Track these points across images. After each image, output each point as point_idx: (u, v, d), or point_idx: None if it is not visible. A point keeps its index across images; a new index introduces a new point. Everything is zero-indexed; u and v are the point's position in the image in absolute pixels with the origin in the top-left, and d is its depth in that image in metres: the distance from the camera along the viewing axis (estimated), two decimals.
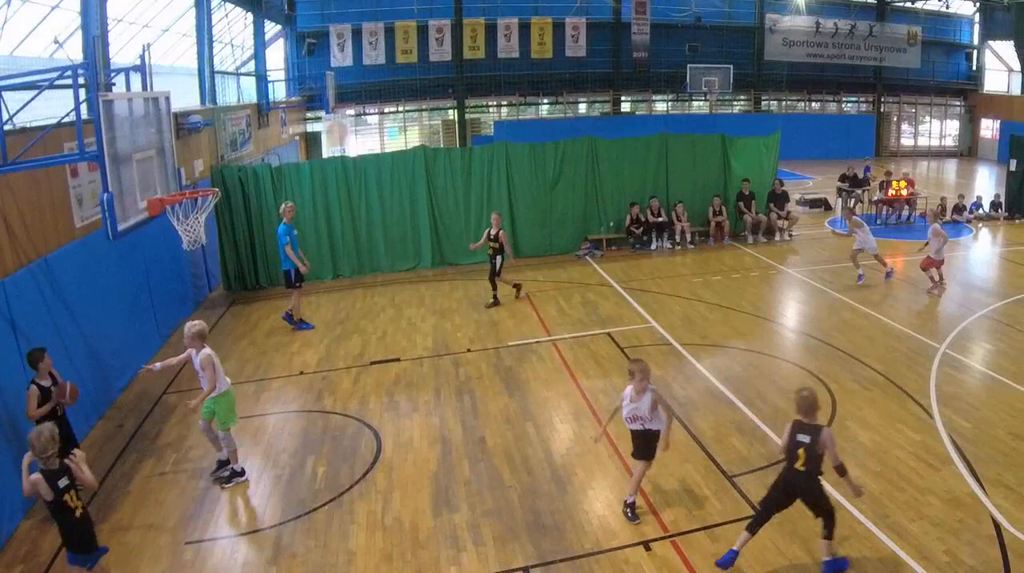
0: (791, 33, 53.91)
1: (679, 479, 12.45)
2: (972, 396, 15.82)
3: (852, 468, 12.33)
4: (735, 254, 27.15)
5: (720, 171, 28.71)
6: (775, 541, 10.78)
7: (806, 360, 17.67)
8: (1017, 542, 10.74)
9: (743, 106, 57.17)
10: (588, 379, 16.39)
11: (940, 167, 56.27)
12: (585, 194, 26.79)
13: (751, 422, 14.49)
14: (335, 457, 13.34)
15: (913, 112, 62.41)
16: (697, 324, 19.92)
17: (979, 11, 61.38)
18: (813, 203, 36.39)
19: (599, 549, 10.63)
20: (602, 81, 50.98)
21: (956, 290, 23.44)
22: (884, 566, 10.31)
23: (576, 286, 23.02)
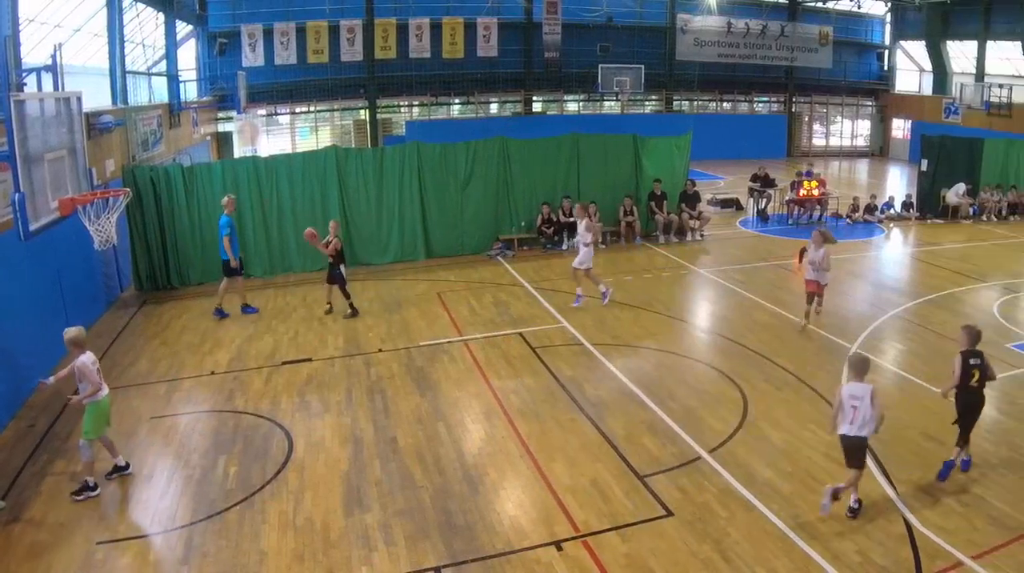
0: (703, 33, 54.28)
1: (591, 479, 12.49)
2: (884, 396, 15.81)
3: (764, 469, 12.73)
4: (646, 254, 27.36)
5: (631, 171, 28.88)
6: (686, 542, 10.86)
7: (718, 360, 17.83)
8: (928, 542, 10.94)
9: (655, 106, 57.44)
10: (500, 379, 16.43)
11: (852, 167, 57.26)
12: (496, 194, 26.85)
13: (663, 422, 14.57)
14: (246, 457, 13.26)
15: (825, 112, 63.43)
16: (608, 324, 20.01)
17: (890, 11, 62.54)
18: (725, 203, 36.68)
19: (510, 549, 10.67)
20: (514, 81, 51.04)
21: (868, 290, 23.91)
22: (795, 566, 10.48)
23: (488, 286, 23.07)
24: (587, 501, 11.86)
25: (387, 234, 25.23)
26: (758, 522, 11.42)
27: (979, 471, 13.03)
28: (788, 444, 13.83)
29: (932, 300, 22.62)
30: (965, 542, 10.93)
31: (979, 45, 55.40)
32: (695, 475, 12.71)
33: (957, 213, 35.25)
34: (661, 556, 10.55)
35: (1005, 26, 52.88)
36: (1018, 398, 16.02)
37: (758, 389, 16.17)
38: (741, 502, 11.92)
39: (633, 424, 14.42)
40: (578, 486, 12.28)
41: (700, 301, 22.76)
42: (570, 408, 15.12)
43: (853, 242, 30.50)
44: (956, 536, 11.07)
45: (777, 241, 29.90)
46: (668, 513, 11.54)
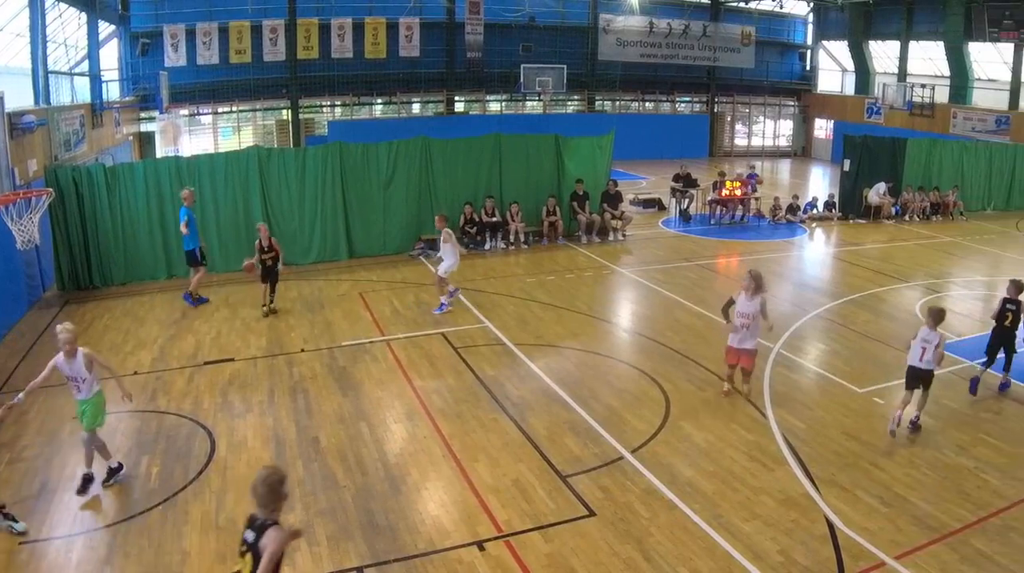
0: (625, 33, 54.50)
1: (513, 479, 12.54)
2: (806, 396, 16.25)
3: (685, 468, 12.81)
4: (569, 254, 27.46)
5: (554, 171, 28.98)
6: (609, 542, 10.92)
7: (640, 360, 17.94)
8: (851, 542, 11.08)
9: (577, 106, 57.58)
10: (422, 379, 16.43)
11: (774, 167, 57.74)
12: (419, 194, 26.81)
13: (585, 422, 14.63)
14: (169, 457, 13.17)
15: (747, 112, 63.97)
16: (531, 324, 20.10)
17: (813, 11, 63.42)
18: (647, 203, 36.93)
19: (433, 549, 10.67)
20: (436, 81, 50.95)
21: (790, 290, 24.21)
22: (717, 566, 10.56)
23: (410, 286, 23.05)
24: (509, 501, 11.91)
25: (309, 234, 25.15)
26: (680, 522, 11.51)
27: (903, 471, 13.21)
28: (710, 444, 13.96)
29: (854, 300, 22.98)
30: (888, 542, 11.09)
31: (901, 45, 56.41)
32: (617, 475, 12.78)
33: (879, 213, 35.75)
34: (583, 556, 10.61)
35: (927, 26, 53.87)
36: (942, 399, 16.24)
37: (680, 389, 16.30)
38: (663, 502, 12.01)
39: (555, 424, 14.48)
40: (500, 486, 12.32)
41: (622, 301, 22.88)
42: (492, 408, 15.16)
43: (776, 242, 30.95)
44: (879, 536, 11.24)
45: (699, 241, 30.22)
46: (590, 513, 11.59)
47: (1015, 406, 16.20)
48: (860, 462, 13.46)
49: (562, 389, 16.02)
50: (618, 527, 11.20)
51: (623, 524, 11.28)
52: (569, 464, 13.04)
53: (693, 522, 11.49)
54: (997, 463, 13.64)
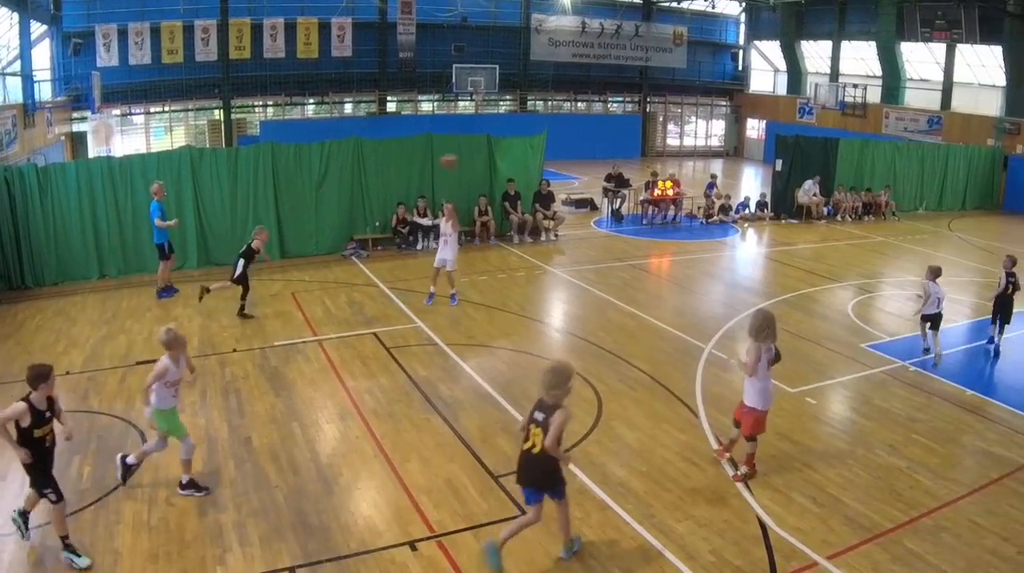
0: (557, 33, 54.70)
1: (445, 479, 12.55)
2: (738, 396, 15.98)
3: (618, 469, 12.88)
4: (501, 254, 27.55)
5: (486, 171, 29.05)
6: (542, 542, 10.95)
7: (572, 360, 17.45)
8: (783, 542, 11.17)
9: (509, 106, 57.71)
10: (354, 379, 16.42)
11: (706, 167, 57.54)
12: (351, 194, 26.79)
13: (517, 422, 14.25)
14: (101, 457, 13.04)
15: (679, 112, 64.31)
16: (463, 324, 20.12)
17: (745, 11, 63.94)
18: (579, 203, 37.06)
19: (365, 549, 10.65)
20: (368, 81, 50.84)
21: (722, 290, 24.46)
22: (649, 566, 10.60)
23: (342, 286, 22.98)
24: (442, 501, 11.91)
25: (241, 234, 24.64)
26: (612, 522, 11.57)
27: (835, 471, 13.37)
28: (642, 444, 14.03)
29: (786, 300, 23.22)
30: (820, 542, 11.19)
31: (833, 45, 57.06)
32: None
33: (811, 213, 36.13)
34: (516, 556, 10.60)
35: (859, 26, 54.54)
36: (873, 398, 16.51)
37: (612, 389, 16.38)
38: (595, 502, 12.05)
39: (488, 424, 14.53)
40: (433, 486, 12.33)
41: (555, 301, 22.97)
42: (424, 408, 15.18)
43: (708, 242, 31.19)
44: (811, 536, 11.34)
45: (631, 241, 30.39)
46: (522, 513, 11.44)
47: (947, 406, 16.40)
48: (792, 462, 13.60)
49: (494, 389, 16.06)
50: (550, 527, 11.11)
51: (555, 524, 11.16)
52: (501, 464, 13.05)
53: (625, 522, 11.54)
54: (929, 463, 13.82)
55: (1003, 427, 15.58)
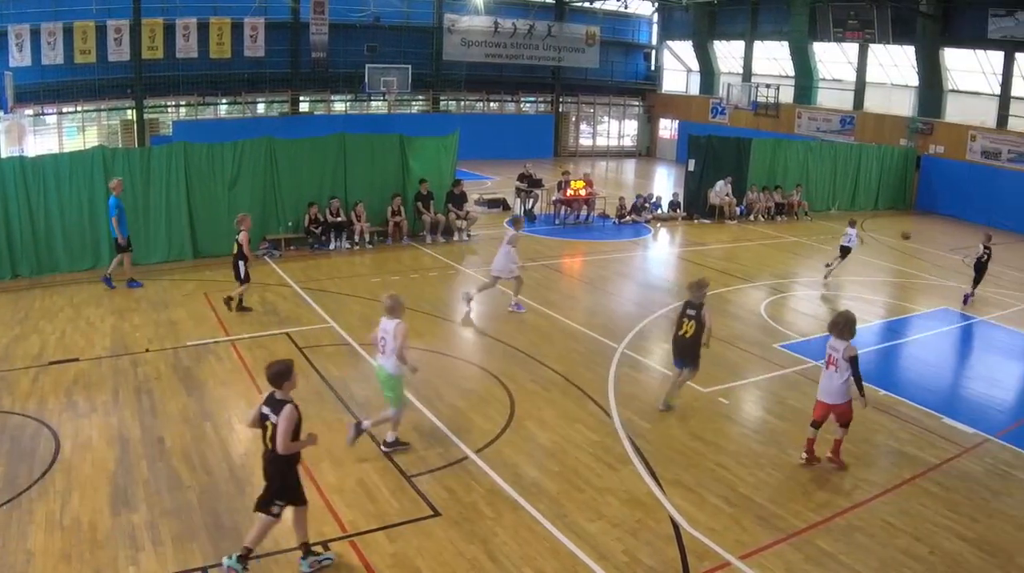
0: (470, 33, 54.61)
1: (357, 479, 12.63)
2: (651, 396, 16.51)
3: (530, 469, 12.98)
4: (413, 254, 27.58)
5: (398, 171, 29.07)
6: (453, 542, 11.07)
7: (485, 360, 18.15)
8: (695, 542, 11.35)
9: (422, 106, 57.57)
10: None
11: (619, 167, 58.54)
12: (264, 194, 26.71)
13: (430, 422, 14.80)
14: (13, 457, 12.94)
15: (592, 112, 64.46)
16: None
17: (657, 11, 64.34)
18: (491, 203, 37.12)
19: (277, 549, 10.68)
20: (281, 81, 50.59)
21: (635, 290, 24.74)
22: (562, 566, 10.73)
23: (255, 286, 22.68)
24: (354, 501, 12.02)
25: (154, 234, 24.83)
26: (525, 522, 11.69)
27: (747, 471, 13.58)
28: (555, 444, 14.18)
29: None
30: (733, 542, 11.41)
31: (746, 45, 57.79)
32: (462, 475, 12.97)
33: (724, 213, 36.51)
34: (428, 556, 10.75)
35: (772, 26, 55.21)
36: (786, 398, 16.84)
37: (525, 389, 16.52)
38: (508, 502, 12.21)
39: (401, 424, 14.40)
40: (345, 486, 12.42)
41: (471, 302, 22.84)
42: (337, 408, 15.27)
43: (620, 242, 31.54)
44: (724, 536, 11.54)
45: (544, 241, 30.63)
46: (435, 513, 11.74)
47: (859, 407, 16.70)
48: (705, 462, 13.80)
49: (407, 389, 15.82)
50: (463, 527, 11.36)
51: (468, 524, 11.44)
52: (414, 464, 13.18)
53: (538, 522, 11.69)
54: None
55: (916, 427, 15.93)
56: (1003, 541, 11.95)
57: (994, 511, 12.84)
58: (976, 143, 44.10)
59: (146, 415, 14.61)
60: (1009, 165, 42.36)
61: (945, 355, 21.54)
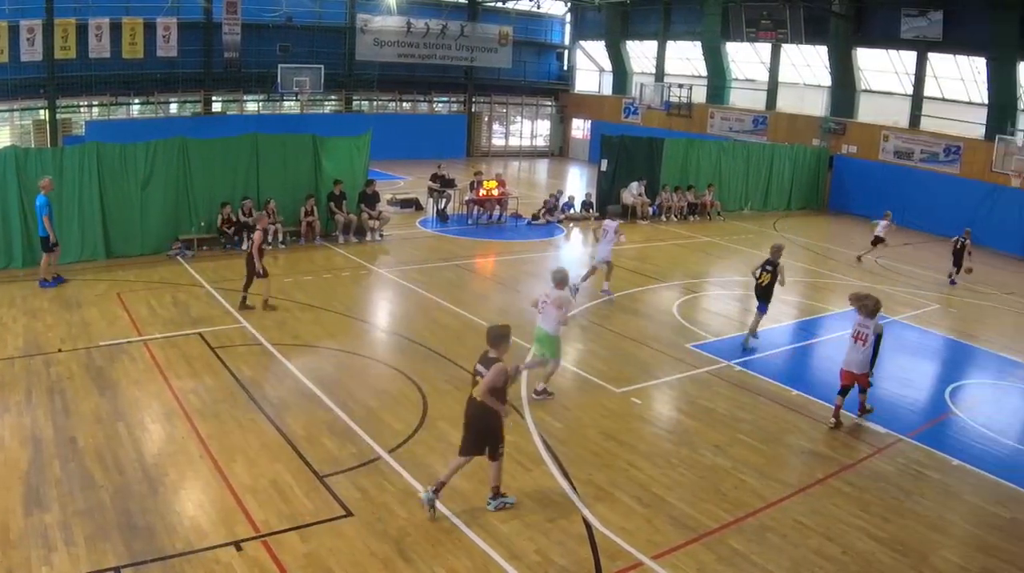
0: (382, 33, 54.41)
1: (270, 479, 12.63)
2: (564, 396, 16.69)
3: (443, 468, 12.88)
4: (326, 254, 27.55)
5: (311, 171, 29.00)
6: (366, 542, 11.17)
7: (398, 360, 18.21)
8: (608, 542, 11.50)
9: (334, 106, 57.39)
10: (179, 379, 16.34)
11: (532, 167, 58.75)
12: (176, 194, 26.47)
13: (343, 422, 14.83)
14: None
15: (505, 112, 64.48)
16: (288, 324, 20.15)
17: (570, 11, 64.45)
18: (404, 203, 37.02)
19: (190, 549, 10.68)
20: (194, 81, 50.06)
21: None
22: (475, 566, 10.83)
23: (167, 286, 22.77)
24: (267, 501, 12.02)
25: (67, 234, 24.44)
26: (438, 522, 11.77)
27: (660, 471, 13.78)
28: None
29: (611, 300, 23.68)
30: (645, 542, 11.57)
31: (659, 45, 57.98)
32: (375, 475, 13.03)
33: (636, 213, 36.73)
34: (341, 556, 10.80)
35: (685, 26, 55.48)
36: (698, 398, 17.08)
37: (438, 389, 16.63)
38: (421, 502, 12.08)
39: (313, 424, 14.64)
40: (258, 486, 12.42)
41: (380, 301, 23.15)
42: (250, 408, 15.22)
43: (533, 242, 31.78)
44: (636, 536, 11.70)
45: (457, 241, 30.71)
46: (348, 513, 11.79)
47: (772, 406, 17.01)
48: (618, 462, 13.98)
49: (320, 389, 16.18)
50: (375, 527, 11.44)
51: (380, 524, 11.52)
52: (327, 464, 13.22)
53: (451, 522, 11.79)
54: (754, 463, 14.37)
55: (827, 426, 16.20)
56: (915, 541, 12.26)
57: (906, 511, 13.17)
58: (889, 143, 44.85)
59: (59, 415, 14.52)
60: (921, 165, 43.15)
61: None
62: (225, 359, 17.49)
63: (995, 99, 40.35)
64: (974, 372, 21.21)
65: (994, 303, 27.13)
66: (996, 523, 13.04)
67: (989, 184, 39.53)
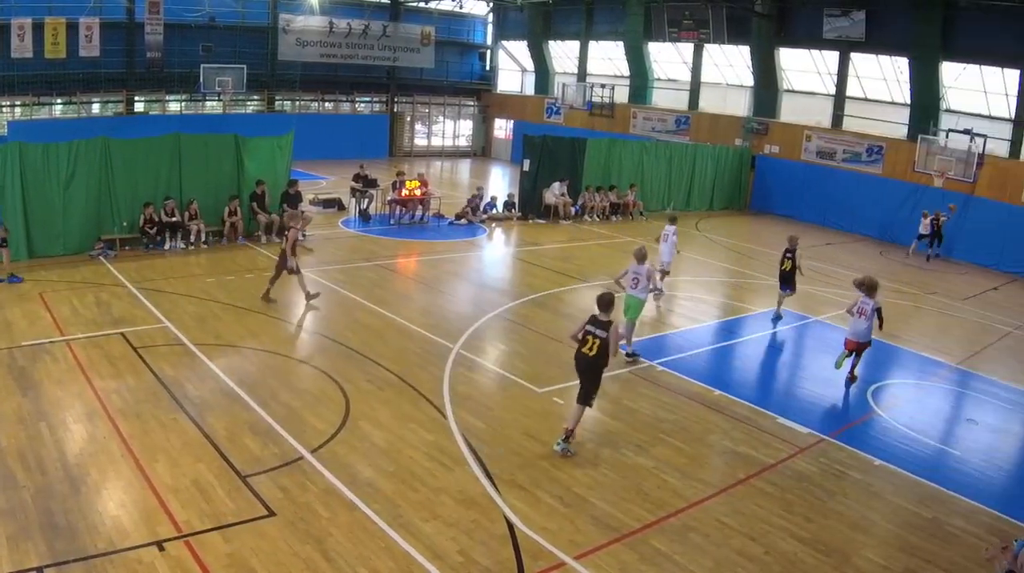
0: (305, 33, 54.29)
1: (192, 479, 12.62)
2: (486, 396, 16.89)
3: (365, 469, 13.17)
4: (249, 254, 27.48)
5: (234, 171, 28.95)
6: (288, 542, 11.20)
7: (320, 360, 18.25)
8: (530, 541, 11.62)
9: (257, 106, 57.15)
10: (102, 379, 16.26)
11: (454, 167, 58.91)
12: (99, 194, 26.28)
13: (265, 422, 14.85)
14: None
15: (427, 112, 64.50)
16: (211, 324, 20.12)
17: (492, 11, 64.61)
18: (327, 203, 36.99)
19: (113, 549, 10.63)
20: (116, 81, 49.63)
21: (470, 290, 25.07)
22: (397, 566, 10.88)
23: (90, 286, 22.63)
24: (189, 501, 11.99)
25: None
26: (360, 522, 11.83)
27: (582, 471, 13.92)
28: (390, 444, 14.37)
29: (534, 300, 24.00)
30: (567, 542, 11.70)
31: (581, 45, 58.24)
32: (297, 475, 13.08)
33: (559, 213, 36.90)
34: (263, 556, 10.80)
35: (607, 26, 55.78)
36: (621, 399, 17.27)
37: (360, 389, 16.69)
38: (343, 502, 12.34)
39: (235, 424, 14.66)
40: (180, 486, 12.40)
41: (302, 301, 22.88)
42: (172, 408, 15.20)
43: (455, 242, 31.80)
44: (559, 536, 11.82)
45: (379, 241, 30.75)
46: (270, 513, 11.83)
47: (694, 406, 17.26)
48: (540, 462, 14.12)
49: (242, 389, 16.21)
50: (298, 527, 11.49)
51: (303, 524, 11.58)
52: (249, 464, 13.25)
53: (373, 522, 11.83)
54: (677, 463, 14.59)
55: (749, 426, 16.54)
56: (838, 541, 12.55)
57: (829, 511, 13.47)
58: (811, 143, 45.44)
59: None
60: (844, 165, 43.78)
61: (780, 355, 22.47)
62: (147, 359, 17.44)
63: (917, 99, 41.07)
64: (896, 372, 21.60)
65: (916, 303, 27.60)
66: (918, 523, 13.37)
67: (911, 184, 40.21)
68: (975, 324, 26.58)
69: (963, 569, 12.03)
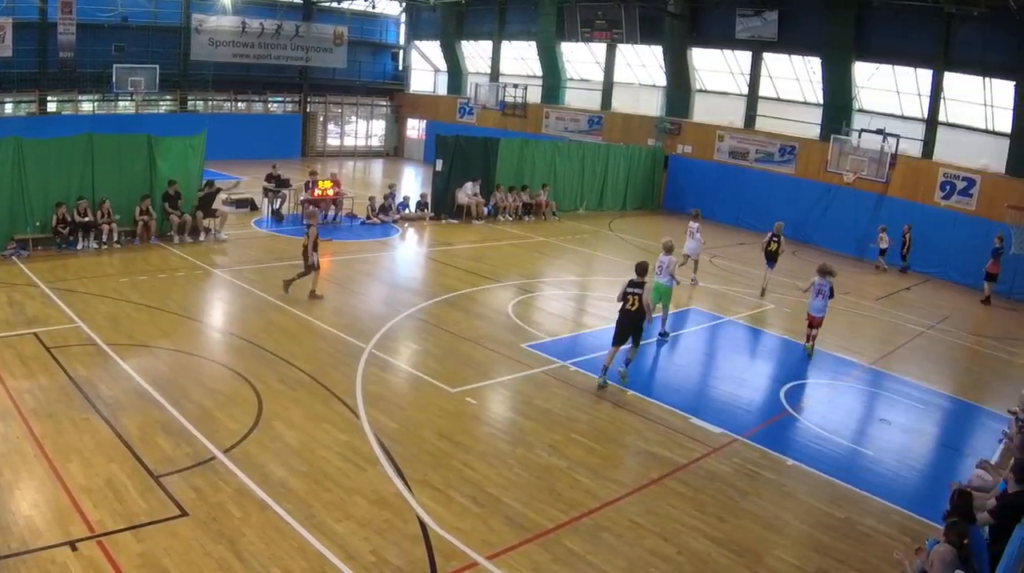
0: (217, 33, 53.97)
1: (105, 479, 12.51)
2: (398, 396, 16.99)
3: (278, 469, 13.23)
4: (161, 254, 27.28)
5: (146, 171, 28.71)
6: (201, 542, 11.17)
7: (233, 360, 18.24)
8: (443, 541, 11.72)
9: (169, 106, 56.71)
10: (14, 379, 16.13)
11: (367, 167, 58.87)
12: (11, 194, 25.99)
13: (177, 422, 14.80)
14: None
15: (340, 112, 64.49)
16: (123, 324, 20.01)
17: (405, 11, 64.73)
18: (240, 203, 36.76)
19: (25, 549, 10.54)
20: (28, 81, 48.97)
21: (382, 290, 25.15)
22: (310, 566, 10.91)
23: (3, 286, 22.38)
24: (102, 501, 11.88)
25: None
26: (273, 522, 11.83)
27: (495, 471, 14.08)
28: (302, 444, 14.38)
29: (447, 300, 24.07)
30: (480, 542, 11.80)
31: (494, 45, 58.50)
32: (210, 475, 13.02)
33: (471, 213, 37.04)
34: (175, 556, 10.75)
35: (520, 26, 56.07)
36: (533, 398, 17.43)
37: (273, 389, 16.68)
38: (256, 502, 12.33)
39: (148, 424, 14.60)
40: (93, 486, 12.27)
41: (215, 301, 23.13)
42: (85, 408, 15.09)
43: (368, 242, 31.87)
44: (471, 536, 11.93)
45: (292, 241, 30.31)
46: (183, 513, 11.79)
47: (608, 406, 17.49)
48: (452, 462, 14.24)
49: (155, 389, 16.13)
50: (211, 527, 11.47)
51: (215, 524, 11.56)
52: (162, 464, 13.18)
53: (286, 522, 11.83)
54: (590, 463, 14.76)
55: (663, 427, 16.78)
56: (751, 541, 12.82)
57: (742, 511, 13.74)
58: (724, 143, 46.03)
59: None
60: (756, 165, 44.45)
61: (693, 355, 22.75)
62: (60, 359, 17.32)
63: (830, 99, 41.71)
64: (809, 372, 21.88)
65: (829, 303, 27.93)
66: (830, 523, 13.67)
67: (824, 184, 40.97)
68: (888, 324, 27.27)
69: (875, 569, 12.34)
